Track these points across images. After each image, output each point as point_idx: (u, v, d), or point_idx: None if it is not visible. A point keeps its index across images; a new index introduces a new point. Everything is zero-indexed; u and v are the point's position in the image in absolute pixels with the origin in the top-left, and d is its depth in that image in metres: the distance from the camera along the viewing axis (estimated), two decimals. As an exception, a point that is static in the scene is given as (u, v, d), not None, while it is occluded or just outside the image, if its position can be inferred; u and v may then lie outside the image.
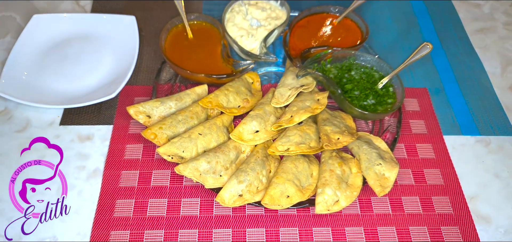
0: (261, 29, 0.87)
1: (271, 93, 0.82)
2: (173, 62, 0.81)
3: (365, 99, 0.79)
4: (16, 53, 0.87)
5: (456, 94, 0.89)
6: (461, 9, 1.05)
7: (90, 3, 1.02)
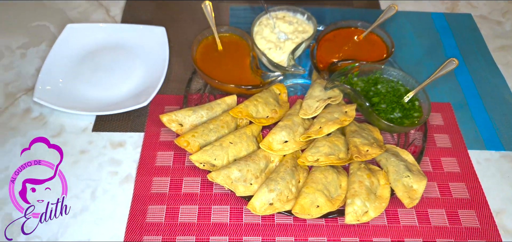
0: (288, 42, 0.90)
1: (298, 104, 0.84)
2: (204, 72, 0.83)
3: (392, 112, 0.80)
4: (50, 61, 0.90)
5: (480, 109, 0.90)
6: (483, 26, 1.07)
7: (120, 13, 1.06)
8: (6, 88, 0.89)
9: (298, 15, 0.95)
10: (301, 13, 0.95)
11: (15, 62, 0.94)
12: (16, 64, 0.93)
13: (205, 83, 0.89)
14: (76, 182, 0.75)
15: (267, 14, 0.94)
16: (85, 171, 0.77)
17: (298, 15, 0.95)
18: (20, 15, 1.04)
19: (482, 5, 1.12)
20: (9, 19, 1.03)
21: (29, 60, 0.94)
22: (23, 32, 1.00)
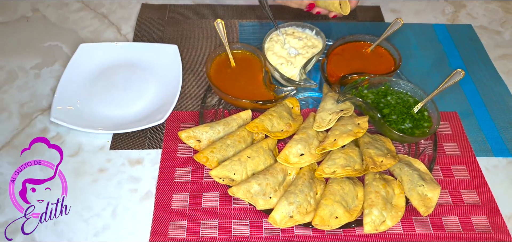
0: (299, 57, 0.92)
1: (311, 117, 0.86)
2: (219, 88, 0.85)
3: (403, 123, 0.83)
4: (65, 80, 0.91)
5: (485, 117, 0.93)
6: (483, 36, 1.10)
7: (131, 32, 1.08)
8: (21, 108, 0.90)
9: (306, 31, 0.98)
10: (310, 28, 0.98)
11: (29, 82, 0.95)
12: (31, 84, 0.95)
13: (219, 99, 0.91)
14: (97, 200, 0.76)
15: (277, 31, 0.97)
16: (105, 190, 0.78)
17: (306, 31, 0.98)
18: (31, 36, 1.05)
19: (481, 16, 1.16)
20: (21, 40, 1.04)
21: (43, 80, 0.96)
22: (36, 52, 1.01)
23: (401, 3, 1.19)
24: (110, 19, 1.11)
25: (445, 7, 1.19)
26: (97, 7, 1.14)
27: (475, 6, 1.19)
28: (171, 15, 1.12)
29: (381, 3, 1.17)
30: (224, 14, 1.13)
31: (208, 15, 1.12)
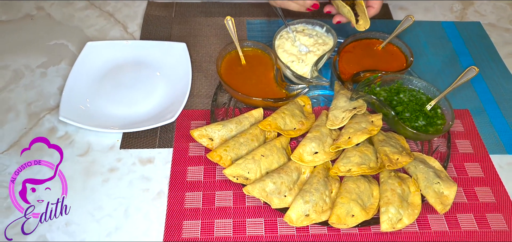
0: (310, 54, 0.91)
1: (324, 115, 0.85)
2: (230, 86, 0.84)
3: (416, 120, 0.82)
4: (73, 79, 0.90)
5: (497, 114, 0.92)
6: (492, 34, 1.10)
7: (138, 30, 1.06)
8: (29, 108, 0.88)
9: (317, 28, 0.97)
10: (320, 25, 0.97)
11: (36, 81, 0.93)
12: (37, 83, 0.93)
13: (230, 97, 0.90)
14: (108, 200, 0.75)
15: (286, 28, 0.96)
16: (116, 190, 0.77)
17: (317, 28, 0.97)
18: (37, 35, 1.04)
19: (490, 13, 1.16)
20: (26, 38, 1.03)
21: (49, 79, 0.94)
22: (42, 51, 1.00)
23: (409, 1, 1.18)
24: (116, 17, 1.09)
25: (453, 4, 1.18)
26: (103, 5, 1.12)
27: (483, 4, 1.19)
28: (178, 13, 1.11)
29: (390, 1, 1.17)
30: (231, 12, 1.12)
31: (216, 13, 1.11)
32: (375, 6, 0.91)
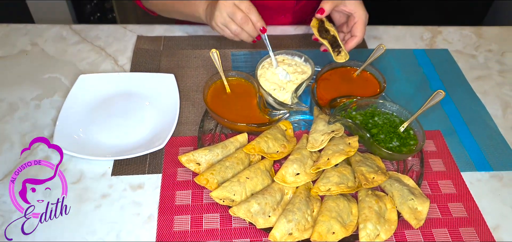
0: (289, 83, 0.98)
1: (305, 138, 0.91)
2: (216, 113, 0.89)
3: (390, 141, 0.88)
4: (66, 110, 0.94)
5: (467, 135, 0.99)
6: (460, 60, 1.19)
7: (128, 63, 1.12)
8: (23, 139, 0.92)
9: (296, 58, 1.04)
10: (299, 56, 1.04)
11: (30, 113, 0.97)
12: (31, 115, 0.97)
13: (216, 124, 0.95)
14: (101, 225, 0.78)
15: (268, 58, 1.02)
16: (108, 214, 0.80)
17: (296, 58, 1.04)
18: (31, 69, 1.08)
19: (457, 41, 1.25)
20: (21, 73, 1.07)
21: (43, 111, 0.98)
22: (36, 84, 1.04)
23: (382, 30, 1.27)
24: (107, 51, 1.15)
25: (423, 33, 1.27)
26: (94, 40, 1.18)
27: (450, 32, 1.28)
28: (166, 46, 1.17)
29: (365, 31, 1.25)
30: (216, 44, 1.18)
31: (202, 46, 1.18)
32: (358, 35, 0.99)
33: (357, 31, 1.00)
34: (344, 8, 1.01)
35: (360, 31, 1.00)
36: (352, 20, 1.01)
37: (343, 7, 1.01)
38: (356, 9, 1.00)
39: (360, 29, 1.00)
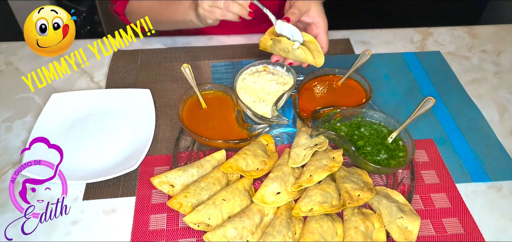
0: (270, 95, 0.92)
1: (286, 153, 0.85)
2: (192, 130, 0.84)
3: (378, 154, 0.82)
4: (37, 132, 0.89)
5: (461, 142, 0.93)
6: (452, 62, 1.13)
7: (104, 79, 1.07)
8: (-9, 164, 0.87)
9: (277, 68, 0.99)
10: (280, 65, 0.99)
11: (1, 135, 0.93)
12: (2, 137, 0.92)
13: (193, 141, 0.89)
14: (69, 255, 0.73)
15: (248, 69, 0.97)
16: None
17: (277, 68, 0.99)
18: (4, 89, 1.04)
19: (449, 43, 1.20)
20: (-8, 93, 1.03)
21: (15, 133, 0.93)
22: (8, 105, 1.00)
23: (370, 33, 1.22)
24: (83, 68, 1.10)
25: (413, 35, 1.22)
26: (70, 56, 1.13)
27: (441, 34, 1.22)
28: (144, 60, 1.12)
29: (351, 35, 1.20)
30: (196, 56, 1.13)
31: (181, 58, 1.13)
32: (324, 46, 0.92)
33: (322, 42, 0.92)
34: (307, 18, 0.93)
35: (325, 41, 0.93)
36: (313, 29, 0.94)
37: (306, 17, 0.93)
38: (318, 18, 0.93)
39: (325, 39, 0.93)
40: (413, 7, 2.07)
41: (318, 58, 0.89)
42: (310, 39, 0.89)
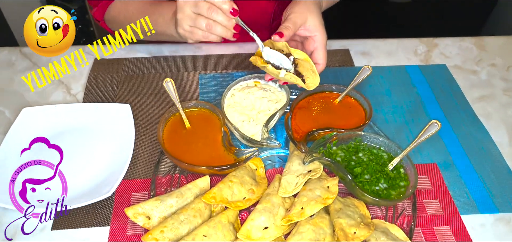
0: (261, 114, 0.84)
1: (277, 181, 0.78)
2: (172, 154, 0.77)
3: (377, 183, 0.75)
4: (3, 152, 0.82)
5: (467, 167, 0.85)
6: (459, 77, 1.05)
7: (82, 91, 0.99)
8: (-48, 187, 0.79)
9: (270, 83, 0.91)
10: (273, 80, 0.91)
11: (-36, 155, 0.85)
12: (-35, 157, 0.85)
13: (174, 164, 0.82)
14: None
15: (237, 85, 0.89)
16: (41, 282, 0.68)
17: (270, 83, 0.91)
18: (-28, 102, 0.96)
19: (455, 55, 1.11)
20: (-40, 106, 0.95)
21: (-20, 152, 0.86)
22: (-25, 120, 0.92)
23: (371, 44, 1.14)
24: (60, 78, 1.02)
25: (417, 46, 1.13)
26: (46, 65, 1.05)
27: (448, 45, 1.14)
28: (126, 70, 1.04)
29: (351, 45, 1.12)
30: (183, 66, 1.05)
31: (166, 68, 1.05)
32: (321, 62, 0.84)
33: (319, 58, 0.84)
34: (304, 32, 0.85)
35: (323, 57, 0.84)
36: (311, 44, 0.85)
37: (303, 30, 0.85)
38: (316, 31, 0.84)
39: (323, 54, 0.84)
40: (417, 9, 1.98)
41: (312, 79, 0.80)
42: (304, 57, 0.80)
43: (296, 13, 0.83)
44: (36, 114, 0.89)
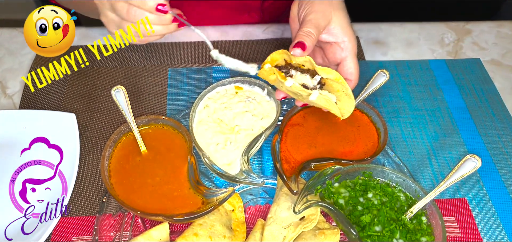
0: (241, 134, 0.65)
1: (259, 229, 0.59)
2: (121, 193, 0.58)
3: (391, 238, 0.56)
4: None
5: (506, 204, 0.67)
6: (496, 76, 0.83)
7: (19, 93, 0.78)
8: None
9: (256, 89, 0.70)
10: (260, 86, 0.70)
11: None
12: None
13: (128, 201, 0.63)
14: None
15: (212, 91, 0.69)
16: None
17: (256, 89, 0.70)
18: None
19: (492, 45, 0.89)
20: None
21: None
22: None
23: (386, 29, 0.91)
24: (12, 74, 0.82)
25: (444, 34, 0.90)
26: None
27: (483, 32, 0.91)
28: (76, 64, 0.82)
29: (361, 31, 0.89)
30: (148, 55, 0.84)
31: (129, 59, 0.84)
32: (353, 78, 0.64)
33: (350, 71, 0.64)
34: (327, 36, 0.64)
35: (355, 70, 0.64)
36: (336, 52, 0.64)
37: (326, 35, 0.64)
38: (345, 36, 0.63)
39: (355, 67, 0.64)
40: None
41: (345, 103, 0.60)
42: (335, 76, 0.59)
43: (317, 12, 0.62)
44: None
